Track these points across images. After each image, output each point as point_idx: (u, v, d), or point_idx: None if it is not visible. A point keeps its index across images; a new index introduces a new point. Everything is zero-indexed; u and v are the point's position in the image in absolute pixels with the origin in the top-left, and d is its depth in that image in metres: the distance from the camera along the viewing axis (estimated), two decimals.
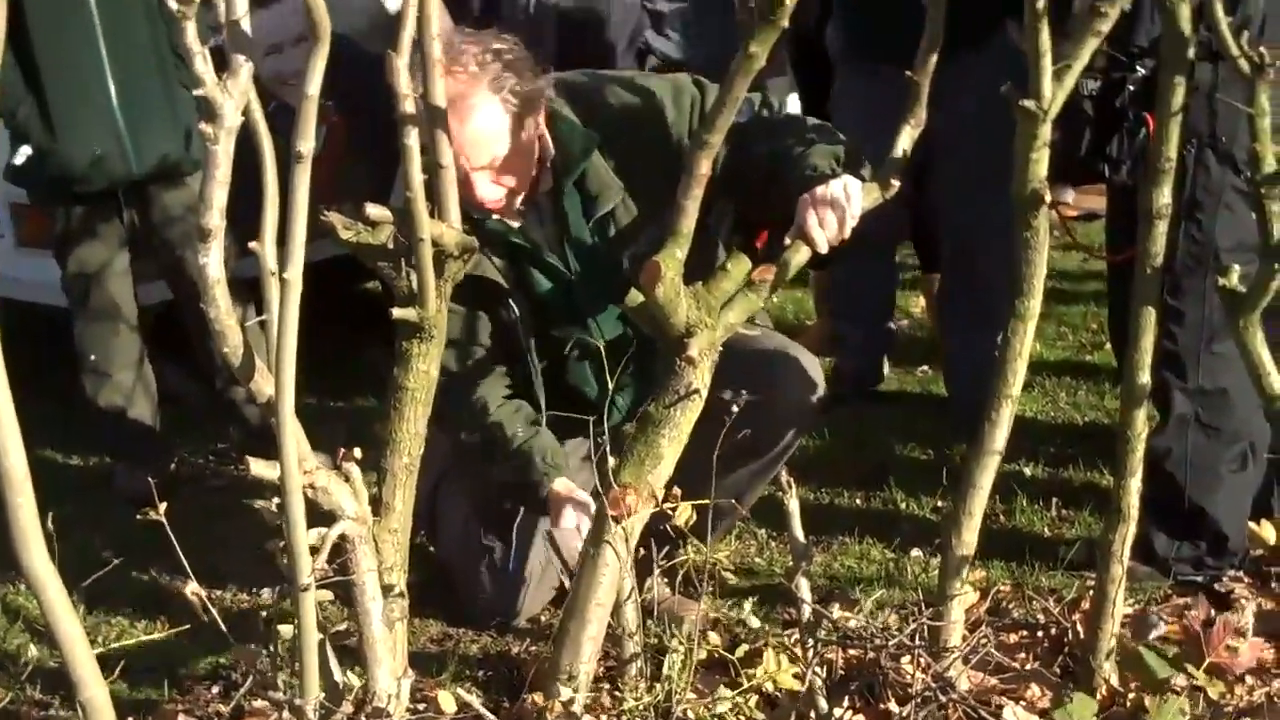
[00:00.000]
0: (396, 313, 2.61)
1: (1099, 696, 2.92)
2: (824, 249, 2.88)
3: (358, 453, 2.38)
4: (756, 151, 3.12)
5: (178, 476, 4.52)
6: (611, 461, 2.73)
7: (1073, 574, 3.56)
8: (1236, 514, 3.46)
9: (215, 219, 2.06)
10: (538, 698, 2.69)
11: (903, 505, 4.10)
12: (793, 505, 2.95)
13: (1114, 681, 2.95)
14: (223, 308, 2.11)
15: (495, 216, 3.19)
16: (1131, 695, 2.92)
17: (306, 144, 2.07)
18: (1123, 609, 3.00)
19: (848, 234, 2.90)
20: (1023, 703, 2.93)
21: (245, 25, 2.04)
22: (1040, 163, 2.81)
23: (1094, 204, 5.50)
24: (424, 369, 2.67)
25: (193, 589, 2.89)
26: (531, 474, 3.25)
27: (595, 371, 3.45)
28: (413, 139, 2.48)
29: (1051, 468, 4.25)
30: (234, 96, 2.03)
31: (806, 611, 2.90)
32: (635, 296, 2.65)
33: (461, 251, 2.62)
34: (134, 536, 3.59)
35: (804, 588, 2.94)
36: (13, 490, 2.07)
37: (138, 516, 3.65)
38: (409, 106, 2.45)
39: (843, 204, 2.88)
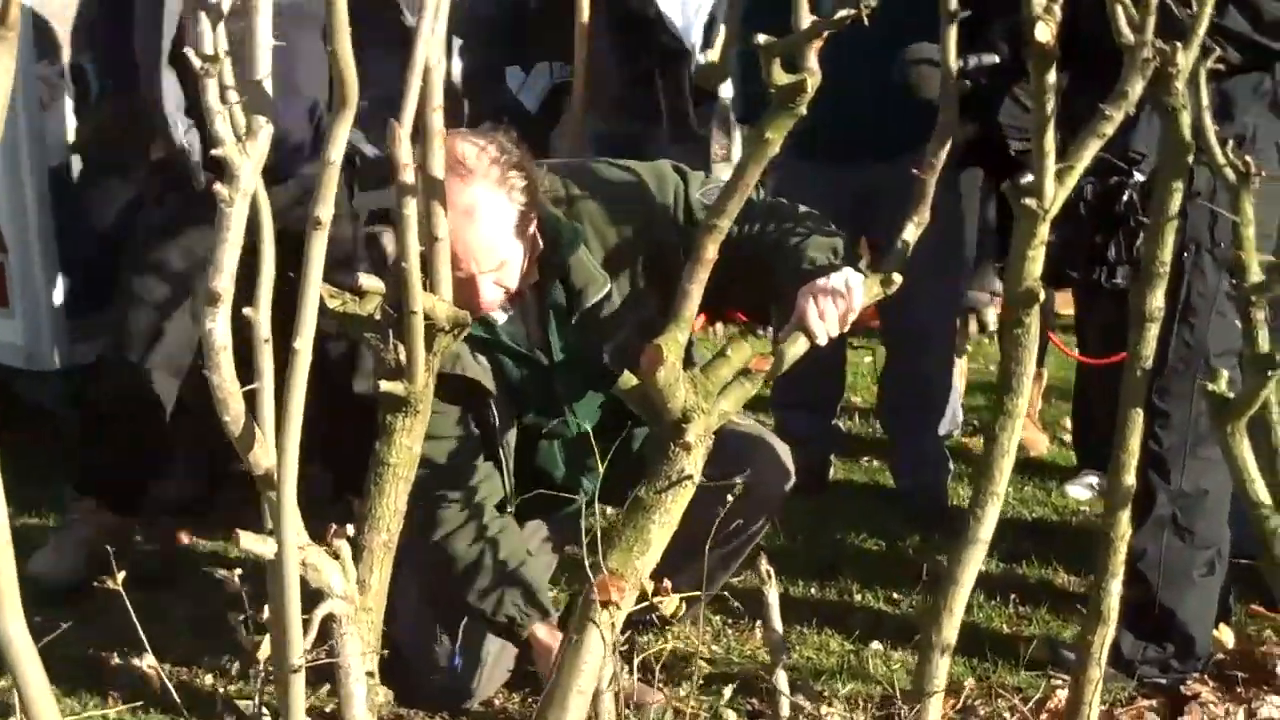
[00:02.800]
0: (384, 386, 2.54)
1: None
2: (823, 342, 2.85)
3: (350, 529, 2.30)
4: (747, 239, 3.08)
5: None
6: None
7: (1035, 673, 3.53)
8: (1204, 618, 3.46)
9: (224, 282, 1.98)
10: None
11: (857, 597, 4.05)
12: (772, 596, 2.90)
13: None
14: (226, 375, 2.02)
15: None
16: None
17: (325, 210, 2.00)
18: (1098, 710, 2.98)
19: (847, 327, 2.88)
20: None
21: (267, 85, 1.97)
22: (1036, 261, 2.79)
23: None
24: (407, 444, 2.60)
25: (150, 663, 2.80)
26: (515, 609, 3.24)
27: (564, 455, 3.40)
28: (410, 209, 2.42)
29: (1005, 564, 4.23)
30: (252, 158, 1.95)
31: (785, 706, 2.85)
32: (629, 380, 2.60)
33: (452, 326, 2.56)
34: (64, 604, 3.49)
35: (782, 680, 2.89)
36: None
37: (94, 584, 3.53)
38: (408, 177, 2.40)
39: (844, 297, 2.85)
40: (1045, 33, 2.48)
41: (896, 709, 2.90)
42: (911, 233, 3.04)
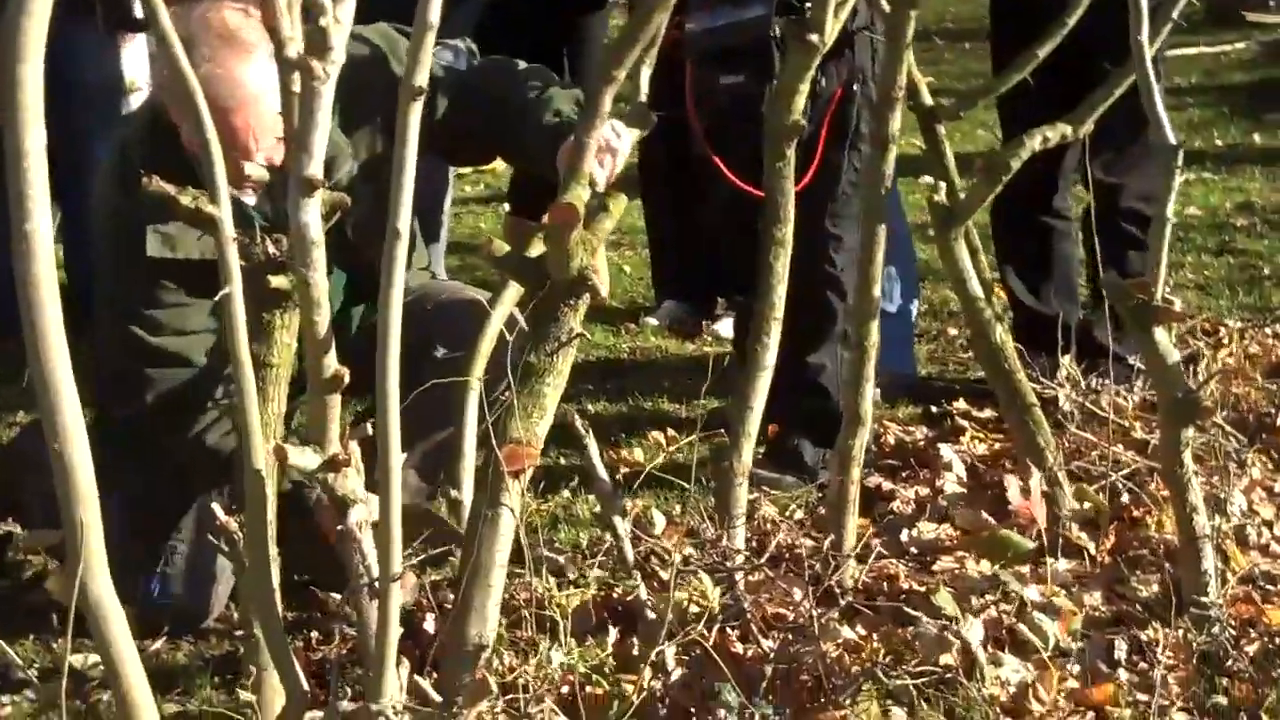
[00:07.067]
0: (275, 281, 2.37)
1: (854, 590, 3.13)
2: (602, 186, 2.89)
3: (369, 428, 2.10)
4: (491, 98, 3.09)
5: None
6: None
7: None
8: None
9: (317, 169, 1.82)
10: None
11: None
12: (592, 447, 2.94)
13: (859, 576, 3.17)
14: (319, 274, 1.85)
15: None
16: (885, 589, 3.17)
17: (421, 76, 1.85)
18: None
19: (619, 170, 2.96)
20: None
21: None
22: (804, 94, 2.97)
23: None
24: (287, 342, 2.45)
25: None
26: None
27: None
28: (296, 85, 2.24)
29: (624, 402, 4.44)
30: (344, 25, 1.78)
31: (628, 548, 2.93)
32: (501, 247, 2.56)
33: (331, 210, 2.39)
34: None
35: (620, 525, 2.95)
36: (82, 508, 1.73)
37: None
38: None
39: (615, 144, 2.93)
40: None
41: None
42: (645, 75, 3.12)
